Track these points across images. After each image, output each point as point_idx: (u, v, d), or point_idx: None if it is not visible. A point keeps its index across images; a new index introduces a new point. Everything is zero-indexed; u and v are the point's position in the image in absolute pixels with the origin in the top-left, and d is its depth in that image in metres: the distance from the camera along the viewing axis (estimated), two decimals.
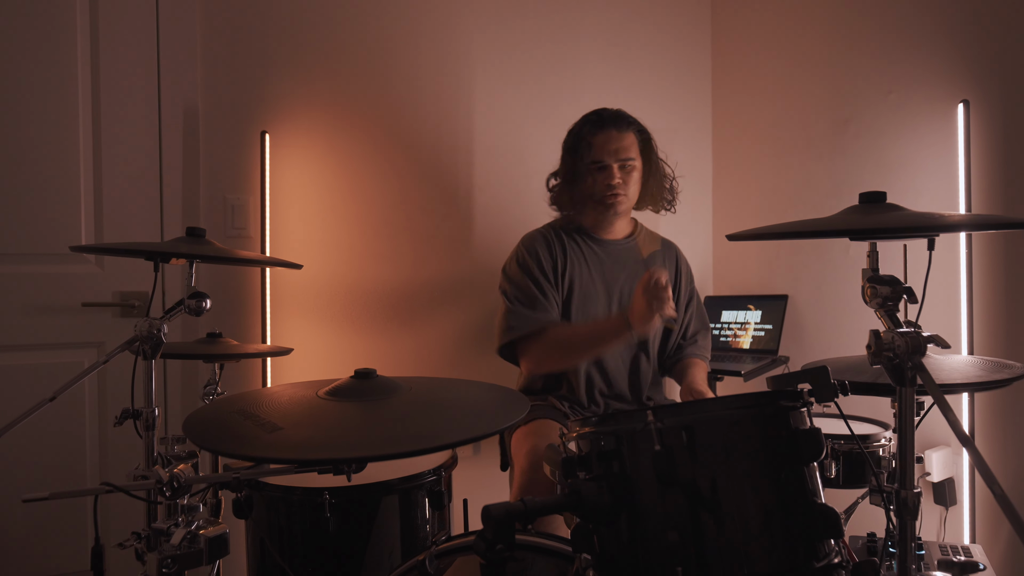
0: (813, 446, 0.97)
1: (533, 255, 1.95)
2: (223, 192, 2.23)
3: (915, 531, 1.02)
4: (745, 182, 2.87)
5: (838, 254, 2.47)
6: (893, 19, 2.24)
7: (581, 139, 1.95)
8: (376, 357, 2.39)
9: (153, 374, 1.35)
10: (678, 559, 0.92)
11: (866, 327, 2.35)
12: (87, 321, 2.09)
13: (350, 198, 2.38)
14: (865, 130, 2.34)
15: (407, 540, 1.53)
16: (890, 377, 1.03)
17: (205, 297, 1.40)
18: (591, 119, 1.98)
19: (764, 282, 2.77)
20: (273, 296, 2.25)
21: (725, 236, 1.14)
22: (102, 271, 2.11)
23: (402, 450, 0.92)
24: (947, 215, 1.02)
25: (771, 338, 2.61)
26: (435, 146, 2.50)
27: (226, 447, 0.92)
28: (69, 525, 2.05)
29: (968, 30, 2.01)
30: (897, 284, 1.03)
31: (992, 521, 1.94)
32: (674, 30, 2.94)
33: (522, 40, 2.63)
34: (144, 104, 2.14)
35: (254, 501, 1.49)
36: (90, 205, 2.09)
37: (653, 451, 0.94)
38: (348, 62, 2.37)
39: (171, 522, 1.18)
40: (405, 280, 2.45)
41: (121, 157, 2.11)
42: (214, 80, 2.20)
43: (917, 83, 2.15)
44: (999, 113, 1.93)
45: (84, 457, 2.08)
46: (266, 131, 2.22)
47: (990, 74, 1.95)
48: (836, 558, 0.97)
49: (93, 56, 2.08)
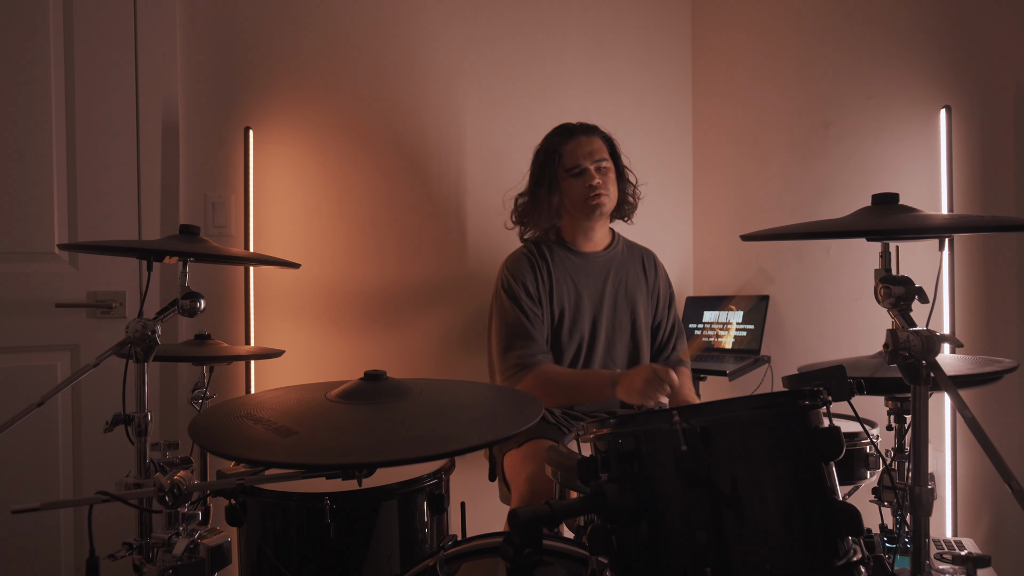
0: (833, 444, 0.97)
1: (519, 281, 1.94)
2: (204, 190, 2.17)
3: (929, 527, 1.04)
4: (726, 183, 2.91)
5: (819, 255, 2.51)
6: (874, 25, 2.29)
7: (552, 151, 1.98)
8: (361, 358, 2.35)
9: (146, 377, 1.30)
10: (706, 559, 0.92)
11: (846, 327, 2.42)
12: (60, 323, 2.00)
13: (335, 197, 2.33)
14: (846, 133, 2.39)
15: (406, 545, 1.50)
16: (904, 376, 1.04)
17: (199, 297, 1.35)
18: (558, 131, 2.02)
19: (744, 282, 2.81)
20: (256, 297, 2.19)
21: (740, 237, 1.14)
22: (76, 271, 2.02)
23: (427, 453, 0.90)
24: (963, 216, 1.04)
25: (753, 338, 2.64)
26: (421, 145, 2.47)
27: (242, 453, 0.89)
28: (39, 541, 1.95)
29: (950, 37, 2.07)
30: (910, 284, 1.05)
31: (972, 514, 1.99)
32: (656, 30, 2.96)
33: (507, 39, 2.62)
34: (121, 99, 2.06)
35: (248, 508, 1.44)
36: (64, 203, 2.01)
37: (679, 451, 0.93)
38: (335, 59, 2.32)
39: (171, 532, 1.14)
40: (391, 280, 2.41)
41: (96, 153, 2.03)
42: (195, 74, 2.14)
43: (899, 88, 2.20)
44: (980, 118, 1.99)
45: (57, 466, 1.99)
46: (250, 127, 2.16)
47: (971, 80, 2.01)
48: (856, 556, 0.98)
49: (67, 49, 2.00)
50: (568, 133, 1.99)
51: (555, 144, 1.98)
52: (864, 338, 2.32)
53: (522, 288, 1.93)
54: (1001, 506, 1.94)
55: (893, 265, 1.31)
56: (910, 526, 1.06)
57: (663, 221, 2.91)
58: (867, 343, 2.30)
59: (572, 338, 1.98)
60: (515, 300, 1.93)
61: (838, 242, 2.45)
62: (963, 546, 1.51)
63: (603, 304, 2.01)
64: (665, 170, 2.96)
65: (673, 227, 3.00)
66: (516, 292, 1.93)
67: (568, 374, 1.93)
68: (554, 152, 1.97)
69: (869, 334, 2.31)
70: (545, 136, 2.04)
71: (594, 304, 2.00)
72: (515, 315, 1.91)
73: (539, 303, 1.94)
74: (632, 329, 2.04)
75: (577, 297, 1.98)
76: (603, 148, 1.99)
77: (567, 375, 1.92)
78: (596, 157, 1.96)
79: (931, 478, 2.06)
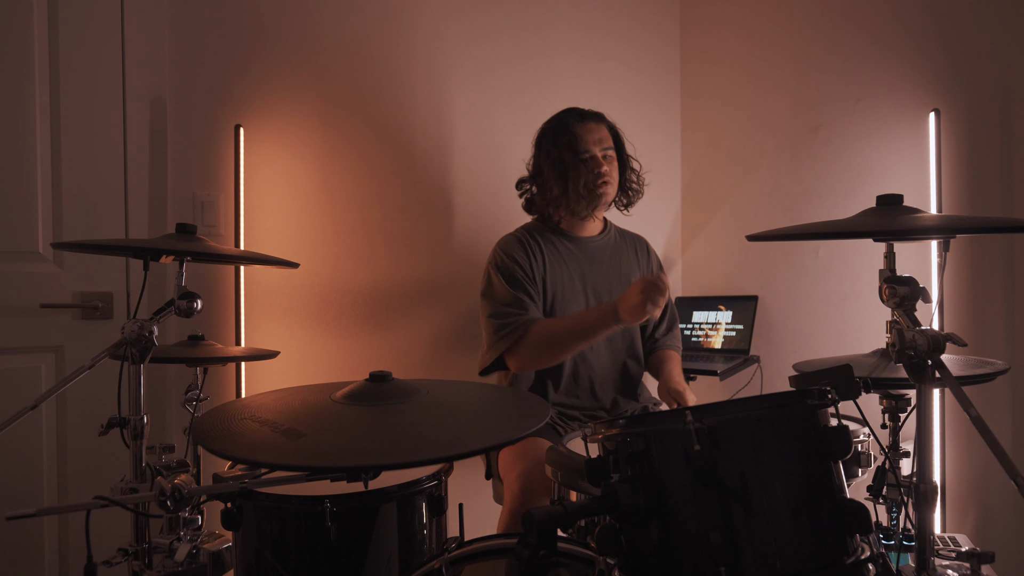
0: (843, 443, 0.98)
1: (511, 258, 1.93)
2: (192, 188, 2.13)
3: (934, 523, 1.05)
4: (715, 185, 2.93)
5: (807, 256, 2.54)
6: (863, 29, 2.32)
7: (565, 130, 1.94)
8: (353, 358, 2.33)
9: (142, 379, 1.27)
10: (720, 559, 0.92)
11: (834, 327, 2.44)
12: (44, 324, 1.95)
13: (326, 196, 2.31)
14: (835, 135, 2.42)
15: (405, 547, 1.49)
16: (909, 375, 1.05)
17: (196, 297, 1.33)
18: (571, 113, 1.99)
19: (733, 283, 2.83)
20: (245, 297, 2.16)
21: (745, 237, 1.15)
22: (61, 271, 1.97)
23: (442, 455, 0.89)
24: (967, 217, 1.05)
25: (742, 338, 2.66)
26: (412, 144, 2.45)
27: (253, 456, 0.87)
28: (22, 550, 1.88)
29: (939, 42, 2.10)
30: (915, 284, 1.06)
31: (959, 511, 2.03)
32: (645, 30, 2.97)
33: (497, 38, 2.61)
34: (108, 95, 2.02)
35: (245, 511, 1.42)
36: (48, 201, 1.96)
37: (692, 451, 0.93)
38: (326, 57, 2.30)
39: (172, 537, 1.11)
40: (381, 280, 2.39)
41: (82, 150, 1.99)
42: (185, 71, 2.10)
43: (888, 92, 2.23)
44: (968, 122, 2.02)
45: (41, 471, 1.93)
46: (240, 125, 2.13)
47: (960, 85, 2.05)
48: (864, 553, 0.99)
49: (52, 44, 1.95)
50: (580, 116, 1.97)
51: (570, 123, 1.95)
52: (852, 338, 2.35)
53: (515, 263, 1.91)
54: (988, 503, 1.97)
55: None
56: (914, 523, 1.07)
57: (652, 221, 2.92)
58: (855, 343, 2.34)
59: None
60: (508, 274, 1.90)
61: (826, 243, 2.48)
62: (957, 542, 1.53)
63: (597, 289, 2.00)
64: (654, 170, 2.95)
65: (662, 228, 3.01)
66: (509, 267, 1.91)
67: (566, 320, 1.89)
68: (566, 131, 1.94)
69: (857, 334, 2.34)
70: (555, 115, 2.01)
71: (588, 289, 1.99)
72: (506, 288, 1.88)
73: (530, 279, 1.92)
74: None
75: (571, 282, 1.97)
76: (609, 137, 1.98)
77: (566, 321, 1.88)
78: (604, 145, 1.95)
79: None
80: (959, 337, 1.02)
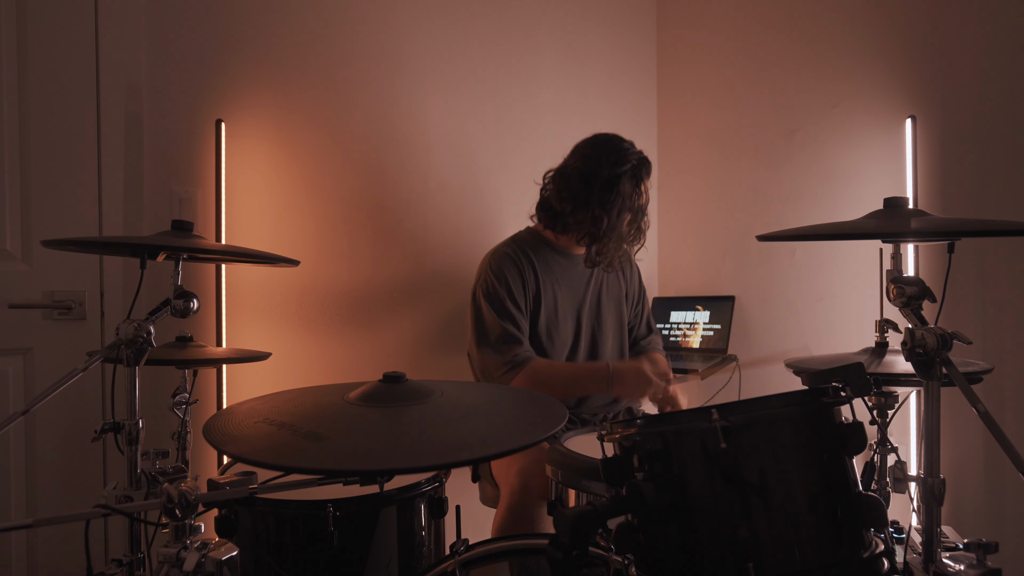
0: (859, 439, 1.01)
1: (503, 281, 1.91)
2: (169, 184, 2.06)
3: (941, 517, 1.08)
4: (690, 186, 2.97)
5: (784, 257, 2.60)
6: (840, 35, 2.39)
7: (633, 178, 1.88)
8: (334, 360, 2.28)
9: (137, 381, 1.22)
10: (747, 554, 0.93)
11: (811, 327, 2.50)
12: (12, 324, 1.86)
13: (309, 194, 2.26)
14: (811, 140, 2.48)
15: (405, 551, 1.47)
16: (917, 372, 1.08)
17: (193, 297, 1.29)
18: (640, 160, 1.92)
19: (710, 284, 2.87)
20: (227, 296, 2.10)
21: (756, 237, 1.17)
22: (30, 269, 1.88)
23: (472, 456, 0.88)
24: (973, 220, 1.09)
25: (720, 337, 2.71)
26: (393, 144, 2.42)
27: (279, 461, 0.84)
28: None
29: (915, 50, 2.17)
30: (922, 284, 1.09)
31: None
32: (622, 29, 3.00)
33: (477, 38, 2.60)
34: (81, 86, 1.93)
35: (241, 517, 1.38)
36: (16, 197, 1.86)
37: (718, 448, 0.94)
38: (310, 53, 2.25)
39: (179, 546, 1.07)
40: (364, 280, 2.35)
41: (53, 144, 1.90)
42: (163, 63, 2.02)
43: (864, 98, 2.30)
44: (942, 128, 2.10)
45: (8, 484, 1.83)
46: (222, 120, 2.07)
47: (936, 92, 2.12)
48: (879, 548, 1.01)
49: (20, 32, 1.86)
50: (647, 169, 1.93)
51: (642, 175, 1.90)
52: (828, 337, 2.42)
53: (505, 289, 1.91)
54: (976, 497, 2.04)
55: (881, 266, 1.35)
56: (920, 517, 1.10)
57: None
58: (832, 342, 2.40)
59: (557, 338, 1.98)
60: (497, 302, 1.90)
61: (802, 244, 2.54)
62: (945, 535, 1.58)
63: (587, 304, 2.02)
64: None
65: None
66: (499, 294, 1.90)
67: (561, 368, 1.93)
68: (634, 180, 1.88)
69: (833, 333, 2.40)
70: (617, 149, 1.91)
71: (578, 304, 2.01)
72: (496, 319, 1.89)
73: (523, 304, 1.93)
74: (617, 328, 2.06)
75: (562, 297, 1.99)
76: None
77: (560, 370, 1.91)
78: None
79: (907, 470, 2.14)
80: (964, 336, 1.05)
